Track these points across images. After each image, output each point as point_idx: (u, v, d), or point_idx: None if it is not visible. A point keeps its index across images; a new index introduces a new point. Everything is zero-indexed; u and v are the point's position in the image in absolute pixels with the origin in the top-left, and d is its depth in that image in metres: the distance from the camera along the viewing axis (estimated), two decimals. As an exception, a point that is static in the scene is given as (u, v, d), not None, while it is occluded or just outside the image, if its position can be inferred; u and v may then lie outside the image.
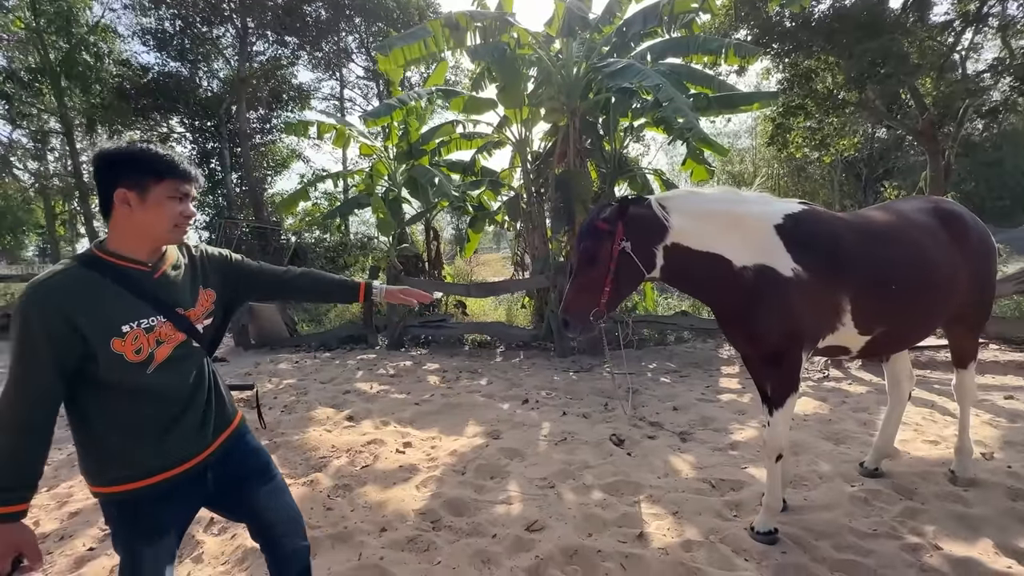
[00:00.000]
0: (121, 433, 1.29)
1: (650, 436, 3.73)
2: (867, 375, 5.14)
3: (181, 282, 1.42)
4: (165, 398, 1.34)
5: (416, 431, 4.02)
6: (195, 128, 16.62)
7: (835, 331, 2.32)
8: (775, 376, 2.33)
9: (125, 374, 1.27)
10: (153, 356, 1.31)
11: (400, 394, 5.02)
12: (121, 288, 1.29)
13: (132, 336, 1.28)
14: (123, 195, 1.29)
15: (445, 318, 7.88)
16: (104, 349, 1.24)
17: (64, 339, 1.20)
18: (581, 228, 2.27)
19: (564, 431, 3.85)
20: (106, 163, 1.30)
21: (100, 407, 1.28)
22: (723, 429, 3.80)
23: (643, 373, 5.63)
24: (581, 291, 2.20)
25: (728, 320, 2.39)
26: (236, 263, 1.60)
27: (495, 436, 3.86)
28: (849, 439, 3.50)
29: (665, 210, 2.25)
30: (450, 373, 5.93)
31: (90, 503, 3.04)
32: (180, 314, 1.38)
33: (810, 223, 2.33)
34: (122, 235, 1.33)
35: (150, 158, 1.30)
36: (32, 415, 1.19)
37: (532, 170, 8.47)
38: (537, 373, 5.85)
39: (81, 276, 1.26)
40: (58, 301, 1.20)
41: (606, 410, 4.38)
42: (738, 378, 5.28)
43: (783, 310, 2.21)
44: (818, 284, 2.23)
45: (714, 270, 2.24)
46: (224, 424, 1.49)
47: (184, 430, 1.36)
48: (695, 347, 6.73)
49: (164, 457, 1.33)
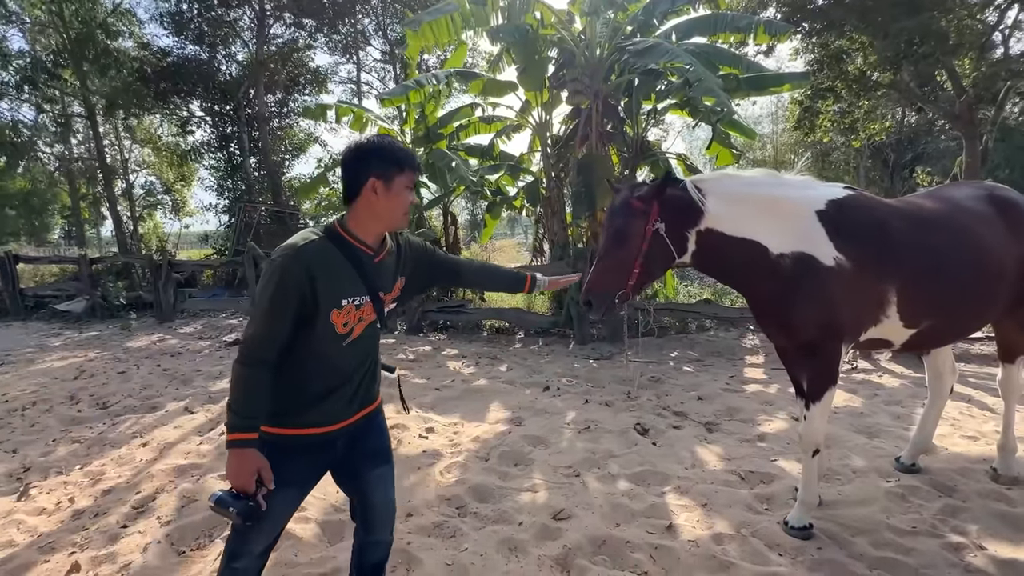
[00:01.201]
0: (300, 387, 1.45)
1: (675, 426, 3.69)
2: (898, 367, 5.01)
3: (388, 268, 1.58)
4: (342, 368, 1.50)
5: (438, 416, 4.03)
6: (214, 112, 16.67)
7: (878, 324, 2.23)
8: (813, 369, 2.25)
9: (329, 341, 1.44)
10: (352, 331, 1.48)
11: (421, 379, 5.04)
12: (350, 266, 1.46)
13: (347, 310, 1.45)
14: (373, 183, 1.44)
15: (463, 303, 7.88)
16: (324, 316, 1.41)
17: (305, 298, 1.37)
18: (613, 205, 2.19)
19: (587, 419, 3.82)
20: (361, 154, 1.46)
21: (294, 363, 1.43)
22: (750, 420, 3.74)
23: (665, 362, 5.58)
24: (608, 271, 2.14)
25: (763, 310, 2.31)
26: (430, 254, 1.75)
27: (517, 423, 3.85)
28: (883, 433, 3.41)
29: (701, 193, 2.16)
30: (469, 359, 5.94)
31: (122, 481, 3.11)
32: (380, 297, 1.54)
33: (855, 209, 2.23)
34: (362, 219, 1.48)
35: (397, 151, 1.46)
36: (273, 354, 1.38)
37: (552, 154, 8.35)
38: (557, 360, 5.83)
39: (326, 248, 1.43)
40: (308, 265, 1.37)
41: (628, 398, 4.35)
42: (763, 368, 5.20)
43: (822, 301, 2.12)
44: (862, 274, 2.13)
45: (749, 257, 2.17)
46: (369, 400, 1.61)
47: (340, 397, 1.51)
48: (717, 336, 6.64)
49: (319, 416, 1.48)
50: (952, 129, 13.34)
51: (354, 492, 1.65)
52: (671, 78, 7.28)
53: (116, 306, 10.12)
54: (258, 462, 1.39)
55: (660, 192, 2.14)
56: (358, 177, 1.45)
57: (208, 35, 15.91)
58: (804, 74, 8.36)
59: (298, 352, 1.42)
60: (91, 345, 7.41)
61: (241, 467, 1.38)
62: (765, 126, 26.27)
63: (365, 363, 1.56)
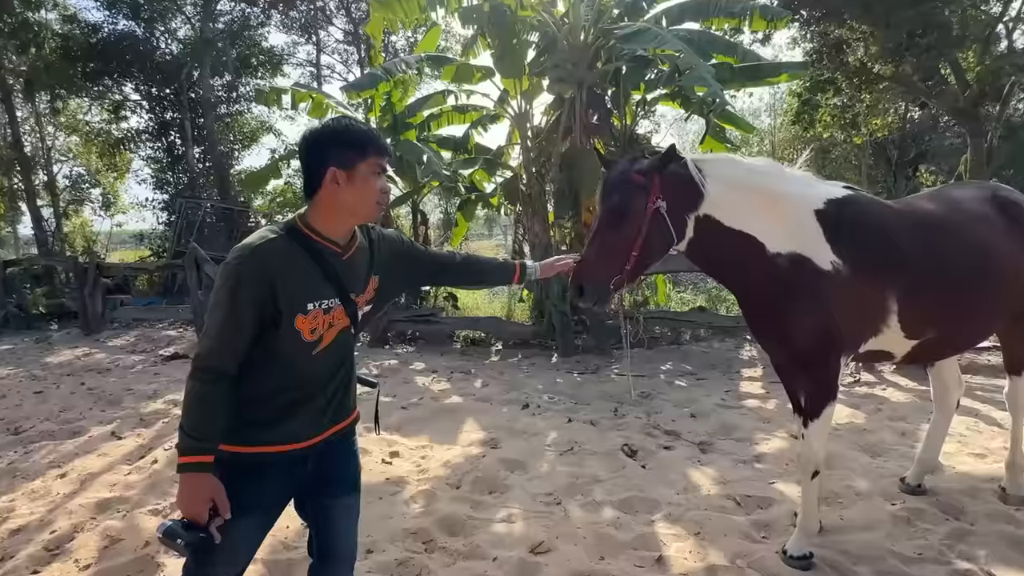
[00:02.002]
0: (263, 402, 1.45)
1: (666, 446, 3.71)
2: (903, 379, 5.14)
3: (360, 267, 1.57)
4: (312, 379, 1.50)
5: (404, 439, 3.98)
6: (152, 96, 16.28)
7: (878, 334, 2.28)
8: (810, 383, 2.29)
9: (295, 350, 1.44)
10: (322, 338, 1.48)
11: (385, 397, 4.98)
12: (314, 266, 1.45)
13: (313, 315, 1.44)
14: (333, 174, 1.43)
15: (434, 312, 7.84)
16: (288, 323, 1.41)
17: (264, 303, 1.37)
18: (610, 180, 2.16)
19: (570, 440, 3.82)
20: (316, 141, 1.45)
21: (256, 375, 1.43)
22: (747, 439, 3.79)
23: (656, 375, 5.62)
24: (602, 254, 2.10)
25: (756, 315, 2.34)
26: (408, 248, 1.74)
27: (493, 445, 3.83)
28: (887, 451, 3.49)
29: (702, 174, 2.17)
30: (440, 374, 5.90)
31: (34, 519, 2.96)
32: (352, 299, 1.53)
33: (855, 210, 2.28)
34: (325, 213, 1.47)
35: (356, 133, 1.46)
36: (231, 367, 1.38)
37: (533, 148, 8.37)
38: (538, 374, 5.83)
39: (286, 248, 1.42)
40: (267, 266, 1.37)
41: (616, 416, 4.36)
42: (761, 382, 5.28)
43: (819, 308, 2.16)
44: (861, 280, 2.18)
45: (744, 253, 2.19)
46: (343, 415, 1.60)
47: (310, 411, 1.51)
48: (713, 347, 6.73)
49: (287, 432, 1.48)
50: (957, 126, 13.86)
51: (314, 523, 1.62)
52: (661, 66, 7.39)
53: (34, 316, 9.80)
54: (212, 489, 1.38)
55: (663, 166, 2.13)
56: (316, 168, 1.44)
57: (144, 8, 15.55)
58: (803, 64, 8.60)
59: (262, 363, 1.43)
60: (3, 361, 7.11)
61: (193, 494, 1.36)
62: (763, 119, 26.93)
63: (338, 373, 1.56)
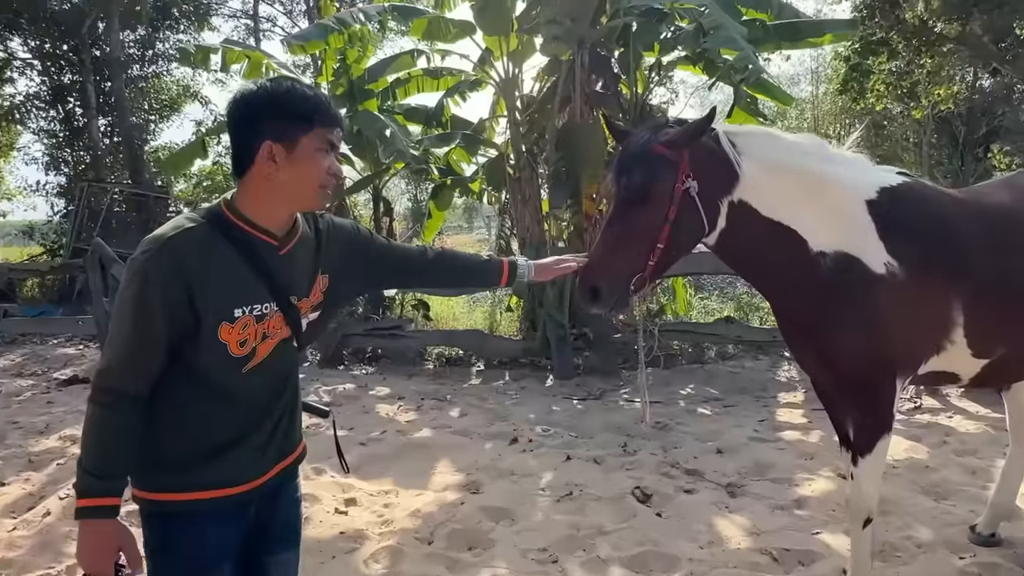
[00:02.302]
0: (187, 434, 1.45)
1: (686, 489, 3.73)
2: (972, 405, 5.23)
3: (303, 263, 1.55)
4: (246, 404, 1.49)
5: (362, 482, 3.97)
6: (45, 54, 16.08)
7: (941, 352, 2.31)
8: (860, 412, 2.32)
9: (220, 368, 1.42)
10: (255, 352, 1.46)
11: (340, 430, 4.94)
12: (243, 262, 1.43)
13: (242, 324, 1.42)
14: (269, 149, 1.40)
15: (400, 324, 7.82)
16: (211, 333, 1.39)
17: (179, 310, 1.36)
18: (628, 153, 2.17)
19: (569, 482, 3.83)
20: (248, 107, 1.43)
21: (174, 399, 1.42)
22: (785, 480, 3.82)
23: (674, 402, 5.64)
24: (620, 247, 2.10)
25: (794, 328, 2.37)
26: (366, 241, 1.72)
27: (474, 489, 3.83)
28: (954, 493, 3.55)
29: (736, 149, 2.18)
30: (408, 401, 5.88)
31: None
32: (293, 304, 1.51)
33: (912, 201, 2.32)
34: (258, 198, 1.45)
35: (300, 98, 1.43)
36: (139, 389, 1.38)
37: (523, 121, 8.42)
38: (529, 400, 5.81)
39: (207, 239, 1.40)
40: (182, 263, 1.35)
41: (625, 452, 4.38)
42: (803, 408, 5.32)
43: (870, 321, 2.19)
44: (919, 287, 2.22)
45: (782, 251, 2.21)
46: (288, 448, 1.60)
47: (249, 446, 1.50)
48: (743, 366, 6.78)
49: (222, 473, 1.47)
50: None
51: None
52: (680, 22, 7.47)
53: None
54: (119, 538, 1.38)
55: (695, 136, 2.12)
56: (248, 141, 1.43)
57: (37, -55, 15.36)
58: (851, 22, 8.74)
59: (181, 385, 1.43)
60: None
61: (96, 546, 1.35)
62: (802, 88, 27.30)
63: (281, 397, 1.55)
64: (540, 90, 8.68)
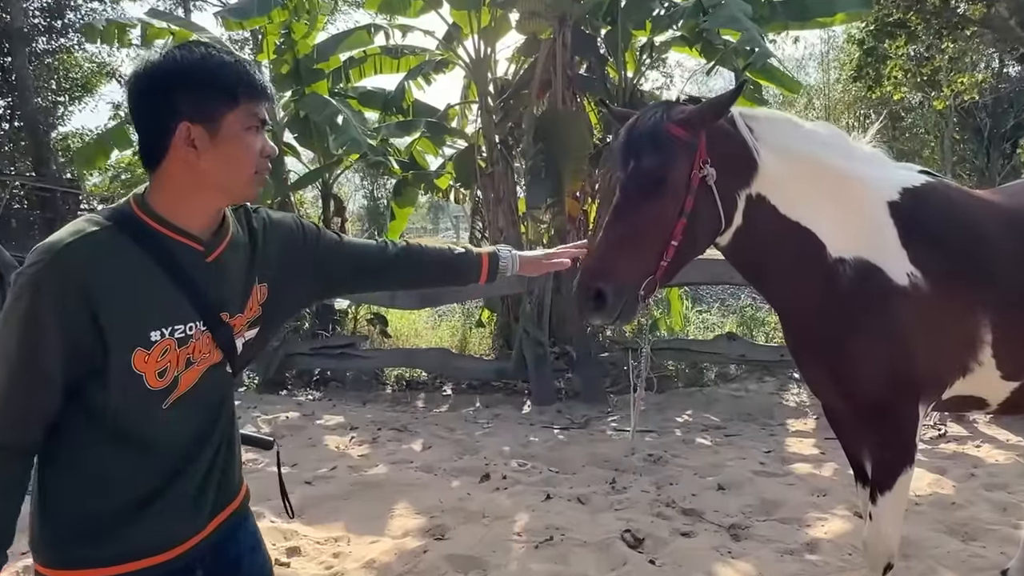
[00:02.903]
0: (96, 490, 1.36)
1: (684, 532, 3.73)
2: (1002, 432, 5.34)
3: (235, 271, 1.47)
4: (167, 447, 1.40)
5: (308, 528, 3.91)
6: (-68, 23, 15.75)
7: (967, 374, 2.35)
8: (879, 443, 2.34)
9: (134, 406, 1.34)
10: (177, 383, 1.38)
11: (283, 466, 4.87)
12: (161, 273, 1.34)
13: (161, 349, 1.34)
14: (187, 132, 1.32)
15: (353, 342, 7.75)
16: (121, 362, 1.29)
17: (79, 335, 1.26)
18: (636, 134, 2.15)
19: (549, 525, 3.81)
20: (156, 81, 1.33)
21: (78, 448, 1.35)
22: (795, 520, 3.85)
23: (669, 430, 5.64)
24: (628, 244, 2.09)
25: (807, 344, 2.39)
26: (311, 238, 1.65)
27: (438, 535, 3.80)
28: (983, 533, 3.60)
29: (753, 135, 2.20)
30: (363, 431, 5.82)
31: None
32: (224, 322, 1.44)
33: (937, 205, 2.36)
34: (177, 193, 1.37)
35: (219, 68, 1.34)
36: (29, 435, 1.29)
37: (496, 108, 8.44)
38: (503, 430, 5.78)
39: (113, 245, 1.31)
40: (81, 276, 1.25)
41: (614, 490, 4.37)
42: (815, 438, 5.37)
43: (892, 338, 2.22)
44: (944, 300, 2.25)
45: (798, 255, 2.24)
46: (227, 498, 1.54)
47: (176, 498, 1.42)
48: (747, 389, 6.84)
49: (144, 536, 1.38)
50: (1067, 87, 14.63)
51: None
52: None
53: None
54: None
55: (716, 116, 2.12)
56: (159, 124, 1.33)
57: None
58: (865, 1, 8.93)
59: (82, 428, 1.34)
60: None
61: None
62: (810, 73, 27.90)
63: (212, 434, 1.48)
64: (516, 73, 8.71)
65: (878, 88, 13.55)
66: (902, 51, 12.82)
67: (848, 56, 16.52)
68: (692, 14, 6.92)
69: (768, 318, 9.42)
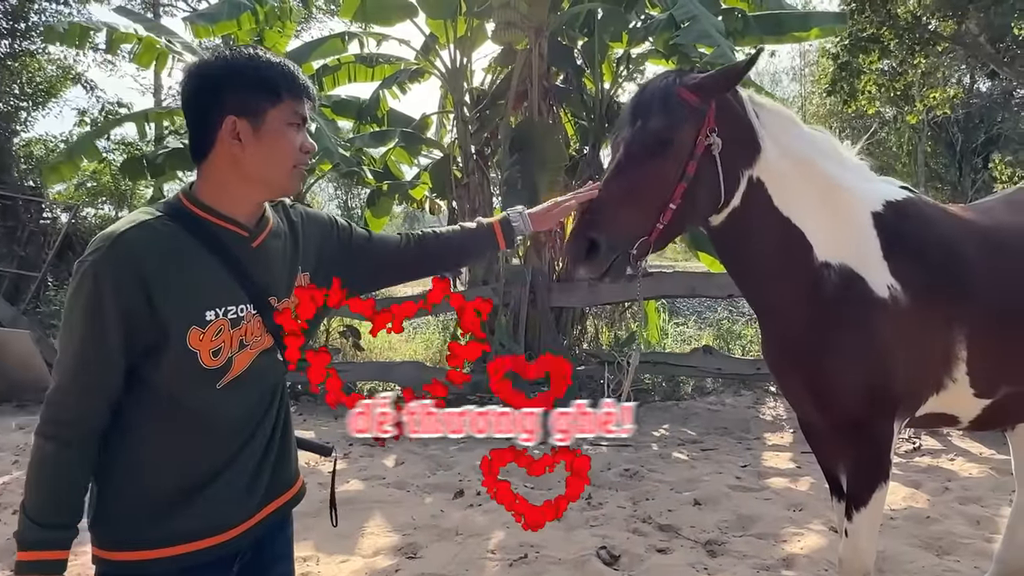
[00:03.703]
0: (152, 471, 1.43)
1: (660, 548, 3.73)
2: (975, 445, 5.43)
3: (279, 258, 1.56)
4: (223, 429, 1.47)
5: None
6: None
7: (941, 390, 2.37)
8: (855, 458, 2.36)
9: (190, 384, 1.41)
10: (231, 364, 1.45)
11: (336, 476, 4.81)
12: (211, 256, 1.43)
13: (215, 329, 1.41)
14: (233, 126, 1.42)
15: (325, 355, 7.67)
16: (178, 341, 1.37)
17: (138, 317, 1.35)
18: (646, 94, 2.18)
19: (523, 542, 3.79)
20: (206, 80, 1.45)
21: (133, 429, 1.41)
22: (771, 535, 3.86)
23: (645, 445, 5.66)
24: (627, 200, 2.09)
25: (784, 351, 2.40)
26: (344, 234, 1.74)
27: (410, 553, 3.77)
28: (958, 547, 3.64)
29: (760, 121, 2.23)
30: (335, 446, 5.73)
31: None
32: (272, 306, 1.51)
33: (916, 219, 2.39)
34: (222, 184, 1.47)
35: (266, 67, 1.45)
36: (95, 418, 1.37)
37: (472, 118, 8.47)
38: (478, 445, 5.66)
39: (167, 233, 1.40)
40: (138, 262, 1.34)
41: (590, 506, 4.36)
42: (791, 452, 5.41)
43: (871, 350, 2.24)
44: (922, 314, 2.28)
45: (787, 254, 2.26)
46: (281, 488, 1.60)
47: (230, 482, 1.47)
48: (724, 403, 6.89)
49: (196, 519, 1.44)
50: (1036, 103, 15.00)
51: None
52: (651, 10, 7.65)
53: None
54: None
55: (727, 86, 2.14)
56: (208, 118, 1.44)
57: None
58: (839, 16, 9.13)
59: (141, 410, 1.41)
60: None
61: None
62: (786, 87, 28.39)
63: (265, 418, 1.53)
64: (492, 83, 8.74)
65: (853, 102, 13.78)
66: (875, 66, 13.07)
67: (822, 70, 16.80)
68: (665, 28, 7.00)
69: (744, 331, 9.51)
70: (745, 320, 9.92)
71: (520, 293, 6.86)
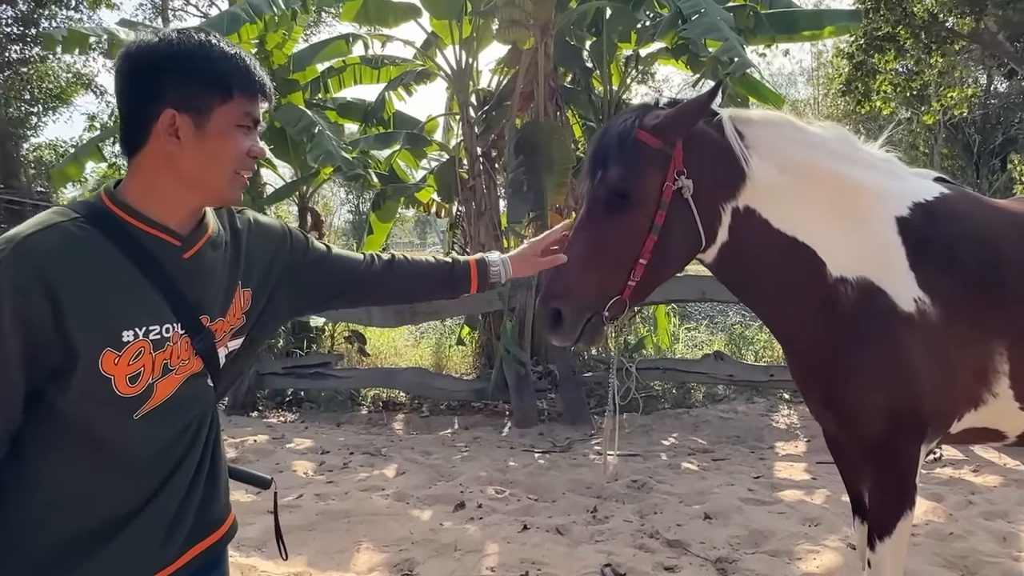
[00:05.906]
0: (53, 513, 1.27)
1: (668, 566, 3.63)
2: (999, 456, 5.27)
3: (215, 272, 1.41)
4: (138, 465, 1.32)
5: (267, 563, 3.75)
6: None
7: (980, 406, 2.23)
8: (879, 482, 2.26)
9: (101, 414, 1.27)
10: (152, 391, 1.31)
11: (245, 494, 4.71)
12: (134, 268, 1.28)
13: (133, 351, 1.27)
14: (171, 121, 1.28)
15: (328, 361, 7.64)
16: (89, 364, 1.22)
17: (41, 332, 1.19)
18: (604, 141, 2.08)
19: (524, 559, 3.69)
20: (145, 64, 1.29)
21: (39, 462, 1.26)
22: (785, 552, 3.74)
23: (654, 455, 5.54)
24: (592, 260, 2.01)
25: (804, 372, 2.31)
26: (299, 248, 1.60)
27: (406, 570, 3.68)
28: (983, 565, 3.50)
29: (744, 142, 2.09)
30: (334, 456, 5.70)
31: None
32: (204, 326, 1.38)
33: (951, 220, 2.21)
34: (152, 184, 1.32)
35: (216, 57, 1.30)
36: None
37: (478, 120, 8.42)
38: (482, 454, 5.67)
39: (82, 238, 1.24)
40: (44, 270, 1.19)
41: (595, 520, 4.26)
42: (806, 462, 5.28)
43: (892, 369, 2.11)
44: (955, 328, 2.13)
45: (795, 274, 2.14)
46: (207, 529, 1.45)
47: (146, 525, 1.33)
48: (736, 410, 6.77)
49: (106, 565, 1.29)
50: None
51: None
52: (660, 9, 7.55)
53: None
54: None
55: (692, 121, 2.02)
56: (142, 108, 1.29)
57: None
58: (854, 14, 8.99)
59: (43, 442, 1.26)
60: None
61: None
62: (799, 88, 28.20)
63: (191, 453, 1.39)
64: (499, 83, 8.68)
65: (868, 103, 13.65)
66: (891, 66, 12.94)
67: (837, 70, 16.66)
68: (672, 23, 6.89)
69: (757, 336, 9.39)
70: (758, 325, 9.80)
71: (526, 298, 6.77)
